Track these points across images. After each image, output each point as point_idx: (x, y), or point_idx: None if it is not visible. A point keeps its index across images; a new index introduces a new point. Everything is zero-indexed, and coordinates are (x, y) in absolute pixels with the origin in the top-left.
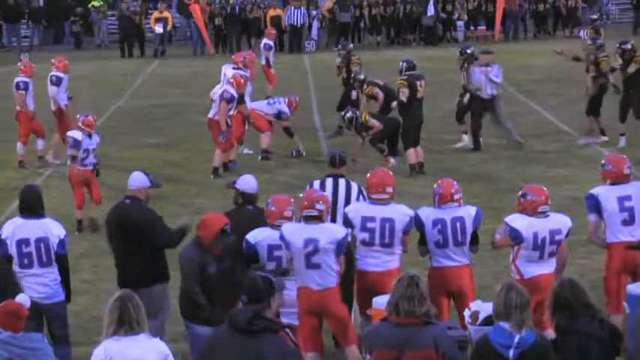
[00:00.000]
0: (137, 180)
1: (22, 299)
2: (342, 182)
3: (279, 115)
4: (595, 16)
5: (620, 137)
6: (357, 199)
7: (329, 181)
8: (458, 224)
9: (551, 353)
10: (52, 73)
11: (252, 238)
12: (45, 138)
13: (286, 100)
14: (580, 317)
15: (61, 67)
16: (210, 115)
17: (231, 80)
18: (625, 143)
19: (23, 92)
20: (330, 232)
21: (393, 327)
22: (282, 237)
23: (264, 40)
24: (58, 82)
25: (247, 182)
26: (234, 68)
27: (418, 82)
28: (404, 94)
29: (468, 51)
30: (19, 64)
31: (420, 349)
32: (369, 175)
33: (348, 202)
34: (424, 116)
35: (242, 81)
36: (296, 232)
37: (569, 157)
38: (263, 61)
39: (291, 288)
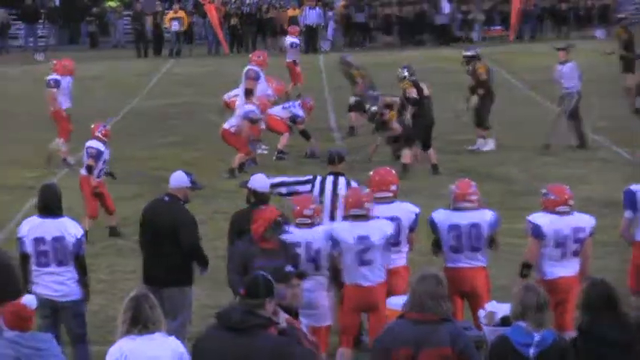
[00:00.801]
0: (177, 179)
1: (28, 300)
2: (341, 180)
3: (294, 119)
4: (623, 15)
5: None
6: None
7: (329, 179)
8: (473, 230)
9: (571, 353)
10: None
11: None
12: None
13: (300, 103)
14: (603, 320)
15: (59, 70)
16: (226, 126)
17: (257, 102)
18: None
19: (54, 90)
20: (381, 229)
21: (410, 324)
22: (331, 236)
23: (290, 39)
24: (56, 85)
25: (259, 181)
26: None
27: (422, 85)
28: (413, 92)
29: (470, 53)
30: (52, 61)
31: (436, 347)
32: (371, 173)
33: None
34: (436, 118)
35: (266, 102)
36: (347, 229)
37: (584, 157)
38: (289, 59)
39: (310, 289)
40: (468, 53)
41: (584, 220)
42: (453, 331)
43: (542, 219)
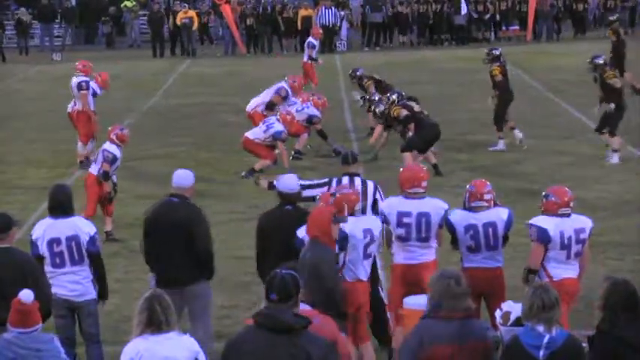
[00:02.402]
0: (185, 178)
1: (23, 294)
2: (357, 180)
3: (310, 120)
4: (613, 17)
5: None
6: (374, 196)
7: (345, 180)
8: (490, 229)
9: (584, 354)
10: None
11: (300, 234)
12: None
13: (312, 103)
14: (623, 320)
15: (87, 72)
16: (250, 136)
17: (279, 116)
18: None
19: (86, 92)
20: (378, 223)
21: (441, 322)
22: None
23: (309, 39)
24: (87, 87)
25: (284, 182)
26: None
27: (410, 104)
28: (403, 113)
29: (495, 52)
30: (77, 63)
31: (477, 340)
32: (401, 169)
33: (365, 199)
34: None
35: (287, 117)
36: (354, 224)
37: (600, 157)
38: (305, 58)
39: None
40: (495, 52)
41: (583, 221)
42: (482, 326)
43: (546, 222)
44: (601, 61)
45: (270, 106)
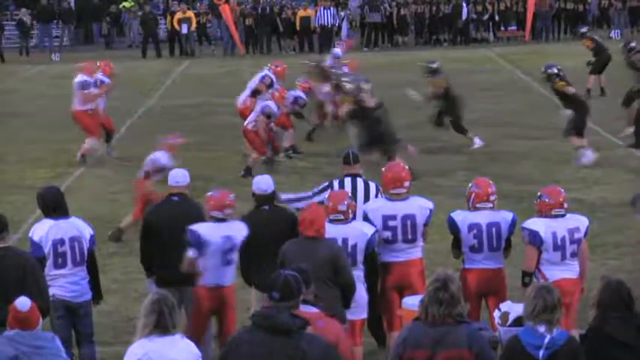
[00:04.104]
0: (182, 176)
1: (19, 303)
2: (359, 181)
3: (296, 101)
4: (584, 30)
5: None
6: (376, 197)
7: (347, 181)
8: (494, 230)
9: (582, 355)
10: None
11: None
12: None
13: (299, 86)
14: (614, 320)
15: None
16: (245, 123)
17: (270, 96)
18: None
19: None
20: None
21: (425, 327)
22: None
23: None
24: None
25: (257, 184)
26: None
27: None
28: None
29: (433, 65)
30: (99, 63)
31: (453, 348)
32: (383, 169)
33: (367, 201)
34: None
35: (277, 94)
36: (212, 230)
37: (601, 158)
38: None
39: None
40: (433, 66)
41: (578, 220)
42: (469, 333)
43: (537, 225)
44: (555, 71)
45: (256, 94)
